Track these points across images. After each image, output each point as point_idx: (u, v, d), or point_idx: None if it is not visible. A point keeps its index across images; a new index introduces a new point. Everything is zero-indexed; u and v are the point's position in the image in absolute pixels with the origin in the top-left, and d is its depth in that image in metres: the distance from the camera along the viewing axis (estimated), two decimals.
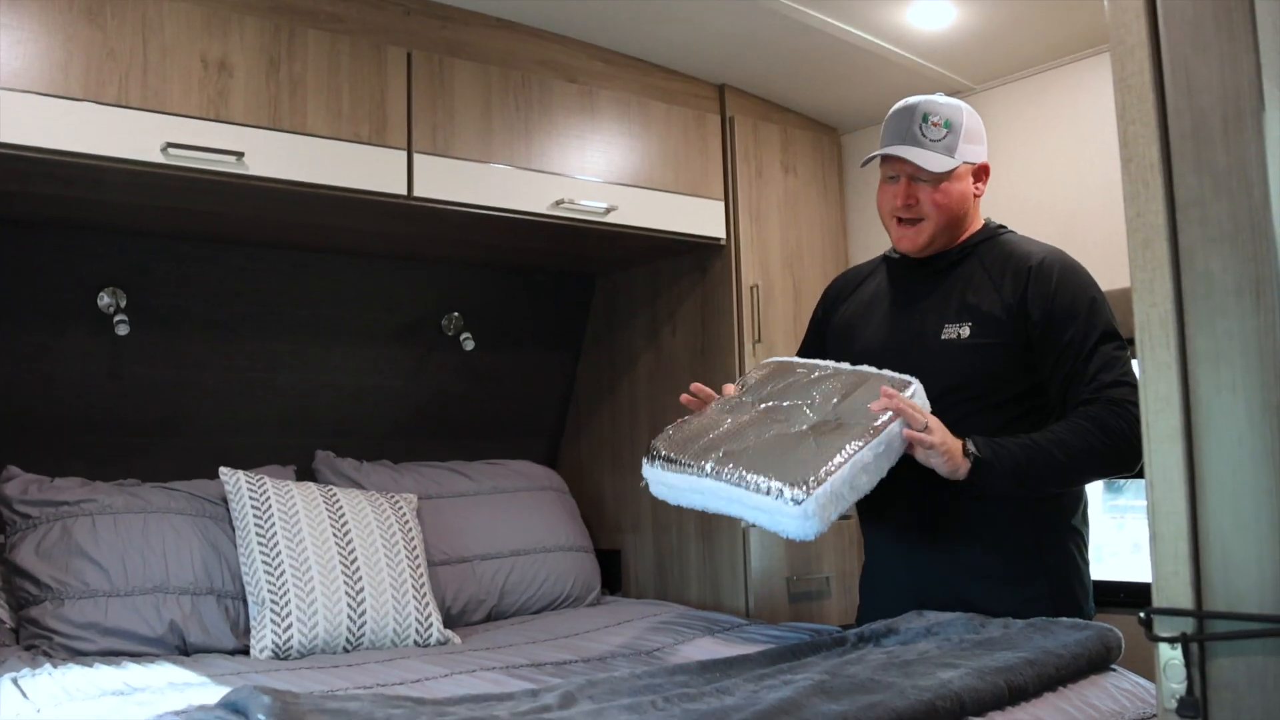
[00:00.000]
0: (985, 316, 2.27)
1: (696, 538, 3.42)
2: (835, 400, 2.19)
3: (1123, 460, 2.14)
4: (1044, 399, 2.28)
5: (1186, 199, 1.20)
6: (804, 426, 2.15)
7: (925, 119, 2.31)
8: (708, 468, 2.11)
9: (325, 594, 2.68)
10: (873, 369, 2.27)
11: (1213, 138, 1.18)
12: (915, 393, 2.19)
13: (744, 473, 2.06)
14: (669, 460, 2.18)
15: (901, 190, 2.33)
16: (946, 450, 2.09)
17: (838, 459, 2.03)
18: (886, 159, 2.35)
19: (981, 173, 2.40)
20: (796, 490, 1.98)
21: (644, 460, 2.24)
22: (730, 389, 2.36)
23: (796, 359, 2.43)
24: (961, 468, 2.11)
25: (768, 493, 2.01)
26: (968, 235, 2.39)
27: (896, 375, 2.24)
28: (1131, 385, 2.15)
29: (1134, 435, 2.12)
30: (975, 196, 2.39)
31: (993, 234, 2.40)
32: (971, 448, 2.11)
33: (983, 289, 2.30)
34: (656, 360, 3.61)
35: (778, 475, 2.02)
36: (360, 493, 3.00)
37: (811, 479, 1.99)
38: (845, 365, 2.33)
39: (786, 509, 1.99)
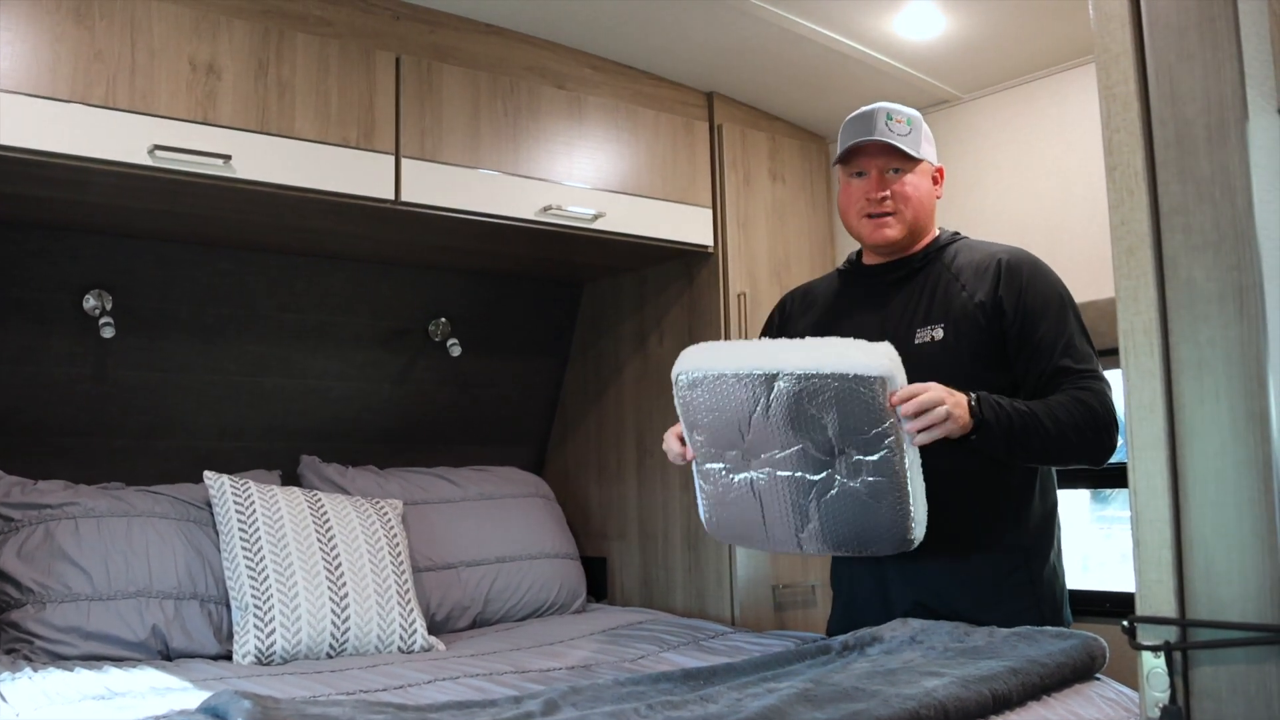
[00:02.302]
0: (958, 318, 2.28)
1: (682, 546, 3.41)
2: (829, 429, 2.08)
3: (1101, 447, 2.16)
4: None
5: (1170, 207, 1.20)
6: (825, 475, 2.12)
7: (890, 117, 2.35)
8: (807, 549, 2.21)
9: (309, 599, 2.67)
10: (824, 344, 2.11)
11: (1196, 146, 1.18)
12: (889, 362, 2.07)
13: (839, 549, 2.18)
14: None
15: (874, 183, 2.36)
16: (955, 418, 2.07)
17: (906, 494, 2.07)
18: (852, 159, 2.38)
19: (939, 174, 2.45)
20: (903, 545, 2.12)
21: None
22: (675, 444, 2.31)
23: (711, 367, 2.17)
24: (966, 422, 2.09)
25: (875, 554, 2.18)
26: (928, 241, 2.43)
27: (851, 345, 2.09)
28: (1103, 378, 2.20)
29: (1110, 425, 2.16)
30: (936, 198, 2.44)
31: (951, 239, 2.44)
32: (975, 407, 2.09)
33: (952, 291, 2.32)
34: (643, 367, 3.61)
35: (874, 545, 2.13)
36: (345, 498, 2.99)
37: (905, 527, 2.08)
38: (770, 352, 2.14)
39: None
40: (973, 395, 2.11)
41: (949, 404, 2.06)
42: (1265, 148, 1.17)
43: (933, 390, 2.06)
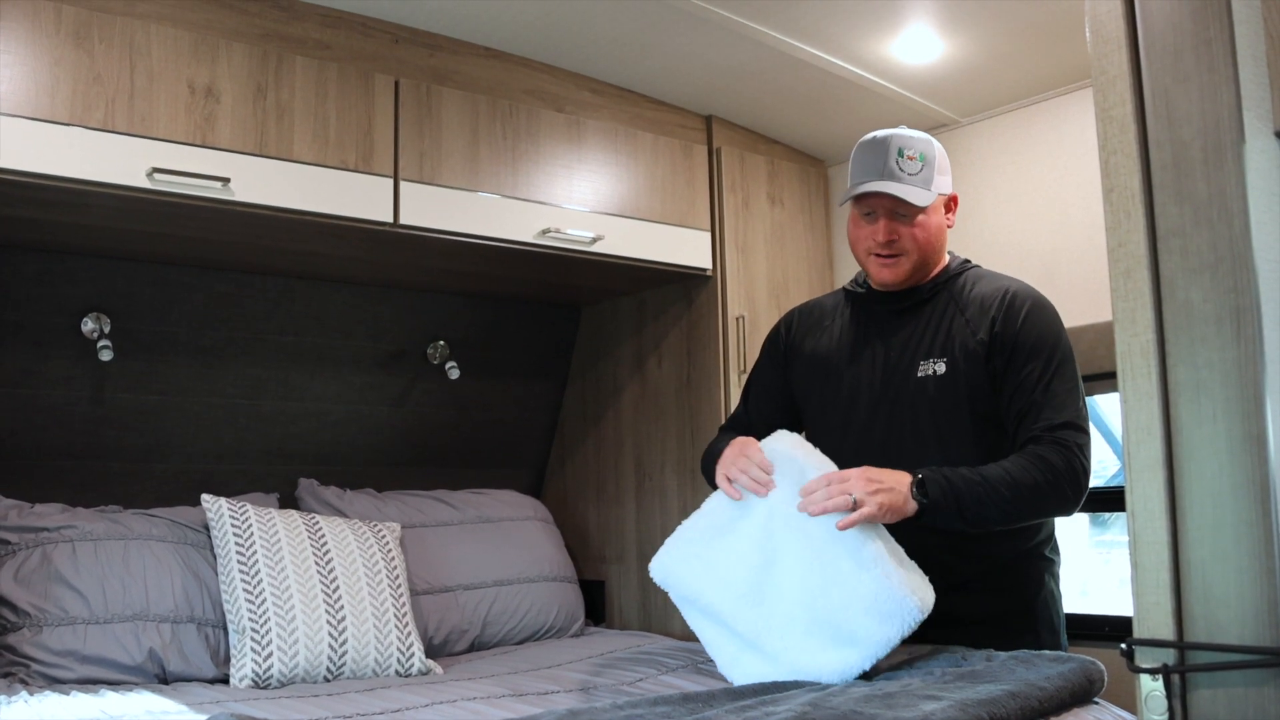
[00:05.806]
0: (959, 352, 2.26)
1: None
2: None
3: (1065, 500, 2.13)
4: None
5: (1167, 229, 1.21)
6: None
7: (901, 153, 2.27)
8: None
9: (306, 623, 2.66)
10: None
11: (1193, 168, 1.19)
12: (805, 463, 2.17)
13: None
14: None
15: (882, 228, 2.29)
16: (888, 509, 2.06)
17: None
18: (862, 196, 2.31)
19: (952, 203, 2.39)
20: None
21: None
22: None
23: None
24: (909, 511, 2.08)
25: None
26: (939, 270, 2.38)
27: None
28: (1080, 429, 2.15)
29: (1077, 476, 2.11)
30: (948, 227, 2.39)
31: (962, 269, 2.40)
32: (918, 493, 2.08)
33: (955, 324, 2.30)
34: (642, 391, 3.61)
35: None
36: (343, 521, 2.98)
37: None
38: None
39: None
40: (919, 474, 2.10)
41: (865, 490, 2.05)
42: (1262, 170, 1.17)
43: (852, 478, 2.07)
